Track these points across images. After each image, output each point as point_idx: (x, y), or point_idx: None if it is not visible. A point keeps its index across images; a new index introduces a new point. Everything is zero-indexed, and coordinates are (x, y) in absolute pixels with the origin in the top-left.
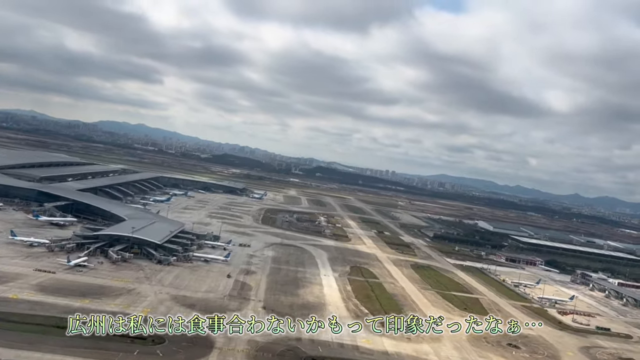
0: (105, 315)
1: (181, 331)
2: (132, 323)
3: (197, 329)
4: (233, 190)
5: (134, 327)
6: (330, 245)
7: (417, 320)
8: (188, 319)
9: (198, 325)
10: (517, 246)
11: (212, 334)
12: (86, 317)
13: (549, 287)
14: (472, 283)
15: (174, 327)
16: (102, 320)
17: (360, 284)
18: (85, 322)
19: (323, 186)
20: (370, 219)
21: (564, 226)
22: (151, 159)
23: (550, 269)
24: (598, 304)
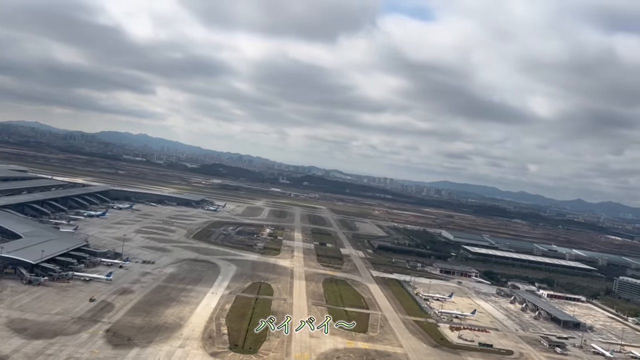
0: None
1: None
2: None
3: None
4: (188, 203)
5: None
6: (250, 260)
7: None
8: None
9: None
10: (466, 257)
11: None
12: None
13: (464, 300)
14: (379, 297)
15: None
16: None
17: (245, 302)
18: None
19: (303, 196)
20: (325, 230)
21: (544, 234)
22: (129, 171)
23: (483, 281)
24: (506, 317)
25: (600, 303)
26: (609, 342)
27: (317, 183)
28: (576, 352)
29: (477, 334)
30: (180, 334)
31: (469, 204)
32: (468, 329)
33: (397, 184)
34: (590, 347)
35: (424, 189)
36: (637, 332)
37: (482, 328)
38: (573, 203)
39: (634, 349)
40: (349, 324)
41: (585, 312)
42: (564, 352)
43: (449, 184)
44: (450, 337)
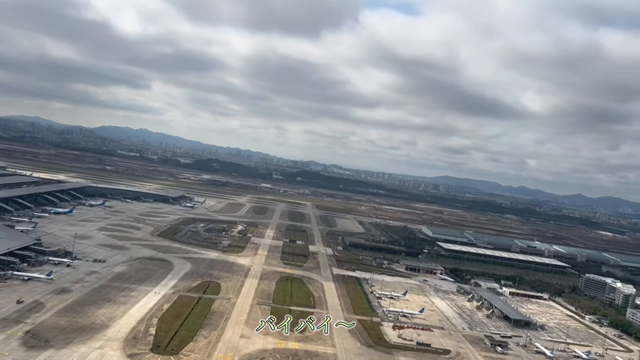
0: None
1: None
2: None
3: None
4: (166, 199)
5: None
6: (208, 259)
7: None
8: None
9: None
10: (439, 253)
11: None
12: None
13: (420, 297)
14: (330, 296)
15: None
16: None
17: (186, 302)
18: None
19: (293, 192)
20: (301, 226)
21: (532, 230)
22: (117, 167)
23: (447, 278)
24: (458, 315)
25: (564, 300)
26: (556, 340)
27: (311, 178)
28: (518, 352)
29: (420, 333)
30: (103, 335)
31: (464, 199)
32: (411, 328)
33: (395, 179)
34: (534, 346)
35: (421, 184)
36: (589, 331)
37: (426, 327)
38: (573, 198)
39: (579, 347)
40: (349, 324)
41: (544, 310)
42: (504, 351)
43: (449, 179)
44: (390, 336)
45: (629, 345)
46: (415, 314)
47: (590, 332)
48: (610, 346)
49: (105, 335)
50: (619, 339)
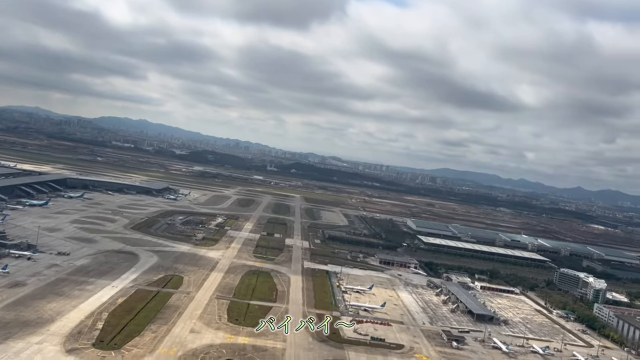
0: None
1: None
2: None
3: None
4: (149, 191)
5: None
6: (178, 252)
7: None
8: None
9: None
10: (418, 247)
11: None
12: None
13: (387, 292)
14: (295, 290)
15: None
16: None
17: (143, 296)
18: None
19: (284, 184)
20: (283, 219)
21: (523, 223)
22: (108, 158)
23: (420, 272)
24: (422, 310)
25: (536, 295)
26: (517, 335)
27: (305, 171)
28: (475, 347)
29: (377, 328)
30: (47, 330)
31: (460, 191)
32: (370, 323)
33: (392, 172)
34: (492, 341)
35: (419, 176)
36: (555, 326)
37: (385, 321)
38: (573, 191)
39: (539, 342)
40: (348, 324)
41: (513, 304)
42: (460, 346)
43: (449, 172)
44: (345, 330)
45: (591, 340)
46: (376, 308)
47: (555, 327)
48: (571, 341)
49: (48, 330)
50: (582, 334)
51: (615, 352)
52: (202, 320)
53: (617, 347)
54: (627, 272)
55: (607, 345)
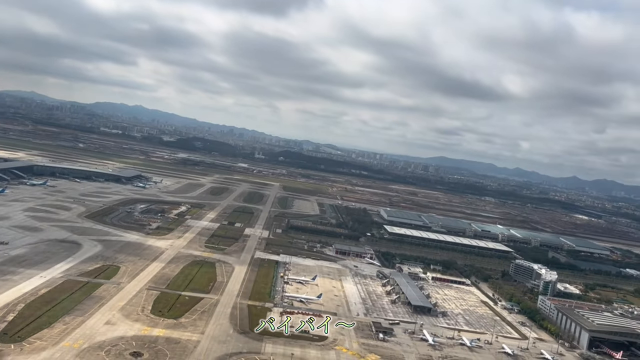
0: None
1: None
2: None
3: None
4: (118, 179)
5: None
6: (124, 241)
7: None
8: None
9: None
10: (382, 237)
11: None
12: None
13: (332, 282)
14: (235, 281)
15: None
16: None
17: (70, 286)
18: None
19: (268, 172)
20: (252, 208)
21: (504, 213)
22: (90, 145)
23: (374, 262)
24: (361, 301)
25: (487, 286)
26: (452, 328)
27: (294, 159)
28: (402, 339)
29: (306, 319)
30: None
31: (450, 180)
32: (301, 314)
33: (387, 160)
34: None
35: (411, 164)
36: (495, 318)
37: (317, 313)
38: (568, 180)
39: (473, 334)
40: (348, 324)
41: (460, 295)
42: (386, 338)
43: (445, 160)
44: (274, 323)
45: (528, 332)
46: (312, 299)
47: (495, 319)
48: (507, 333)
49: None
50: (521, 326)
51: (549, 344)
52: (122, 312)
53: (552, 340)
54: (592, 263)
55: (543, 337)
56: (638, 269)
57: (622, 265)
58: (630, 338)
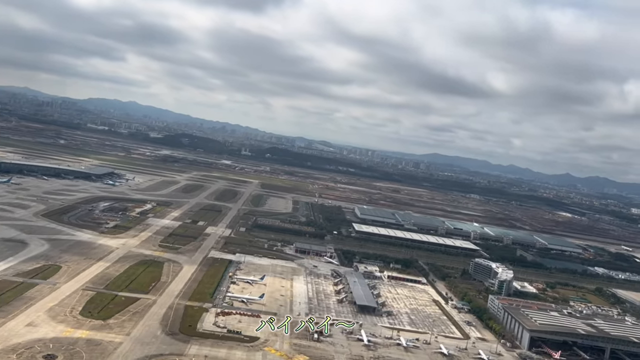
0: None
1: None
2: None
3: None
4: (88, 176)
5: None
6: (74, 240)
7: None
8: None
9: None
10: (350, 235)
11: None
12: None
13: (282, 282)
14: (180, 281)
15: None
16: None
17: (3, 286)
18: None
19: (249, 169)
20: (220, 206)
21: (485, 210)
22: (71, 142)
23: (332, 261)
24: (307, 301)
25: (444, 285)
26: (393, 327)
27: (281, 155)
28: (338, 339)
29: (243, 320)
30: None
31: (439, 177)
32: (238, 314)
33: (379, 156)
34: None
35: (402, 161)
36: (442, 317)
37: (256, 313)
38: (561, 177)
39: (415, 334)
40: (348, 324)
41: (413, 294)
42: (321, 338)
43: (439, 157)
44: (206, 323)
45: (471, 332)
46: (254, 299)
47: (441, 319)
48: (449, 333)
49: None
50: (467, 325)
51: (490, 344)
52: (49, 313)
53: (495, 339)
54: (560, 261)
55: (487, 337)
56: (607, 267)
57: (592, 264)
58: (571, 338)
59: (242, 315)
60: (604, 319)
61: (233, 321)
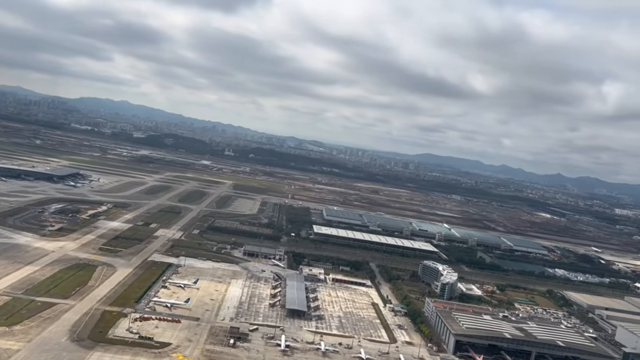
0: None
1: None
2: None
3: None
4: (50, 177)
5: None
6: (10, 243)
7: None
8: None
9: None
10: (308, 237)
11: None
12: None
13: (218, 285)
14: (109, 284)
15: None
16: None
17: None
18: None
19: (227, 169)
20: (182, 207)
21: (462, 212)
22: (48, 142)
23: (278, 264)
24: (238, 305)
25: (389, 287)
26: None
27: (265, 155)
28: (256, 344)
29: (160, 325)
30: None
31: (426, 178)
32: (157, 319)
33: (369, 156)
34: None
35: (392, 161)
36: (375, 321)
37: (176, 318)
38: (552, 178)
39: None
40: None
41: (352, 297)
42: (238, 344)
43: (432, 157)
44: (118, 329)
45: (400, 336)
46: (180, 304)
47: (374, 322)
48: (377, 337)
49: None
50: (398, 329)
51: (416, 348)
52: None
53: (423, 343)
54: (520, 263)
55: (415, 341)
56: (569, 269)
57: (554, 265)
58: (496, 342)
59: (161, 321)
60: (537, 323)
61: (149, 327)
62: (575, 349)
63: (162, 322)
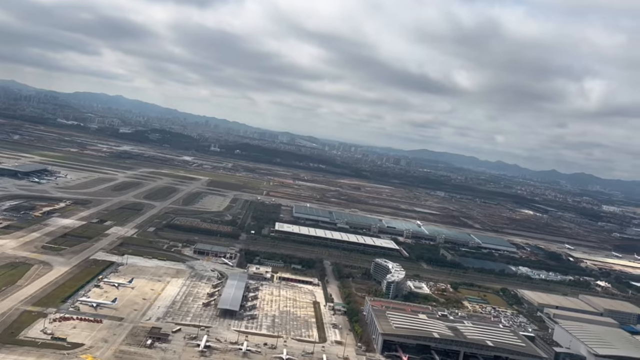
0: None
1: None
2: None
3: None
4: (15, 174)
5: None
6: None
7: None
8: None
9: None
10: (269, 234)
11: None
12: None
13: (154, 284)
14: (36, 283)
15: None
16: None
17: None
18: None
19: (207, 165)
20: (145, 204)
21: (441, 208)
22: (26, 137)
23: (227, 262)
24: (170, 304)
25: (337, 285)
26: (243, 331)
27: (251, 151)
28: (176, 345)
29: (79, 325)
30: None
31: (415, 174)
32: (78, 320)
33: (362, 152)
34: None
35: (383, 157)
36: (311, 320)
37: (98, 318)
38: (547, 174)
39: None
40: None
41: (295, 296)
42: (156, 344)
43: (427, 153)
44: (33, 330)
45: (332, 335)
46: (106, 304)
47: (309, 322)
48: (306, 337)
49: None
50: (332, 328)
51: (344, 347)
52: None
53: (353, 343)
54: (482, 261)
55: (347, 340)
56: (534, 267)
57: (519, 263)
58: (424, 341)
59: (82, 321)
60: (474, 322)
61: (67, 327)
62: (504, 349)
63: (83, 322)
